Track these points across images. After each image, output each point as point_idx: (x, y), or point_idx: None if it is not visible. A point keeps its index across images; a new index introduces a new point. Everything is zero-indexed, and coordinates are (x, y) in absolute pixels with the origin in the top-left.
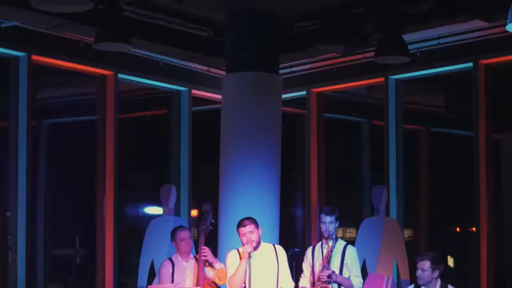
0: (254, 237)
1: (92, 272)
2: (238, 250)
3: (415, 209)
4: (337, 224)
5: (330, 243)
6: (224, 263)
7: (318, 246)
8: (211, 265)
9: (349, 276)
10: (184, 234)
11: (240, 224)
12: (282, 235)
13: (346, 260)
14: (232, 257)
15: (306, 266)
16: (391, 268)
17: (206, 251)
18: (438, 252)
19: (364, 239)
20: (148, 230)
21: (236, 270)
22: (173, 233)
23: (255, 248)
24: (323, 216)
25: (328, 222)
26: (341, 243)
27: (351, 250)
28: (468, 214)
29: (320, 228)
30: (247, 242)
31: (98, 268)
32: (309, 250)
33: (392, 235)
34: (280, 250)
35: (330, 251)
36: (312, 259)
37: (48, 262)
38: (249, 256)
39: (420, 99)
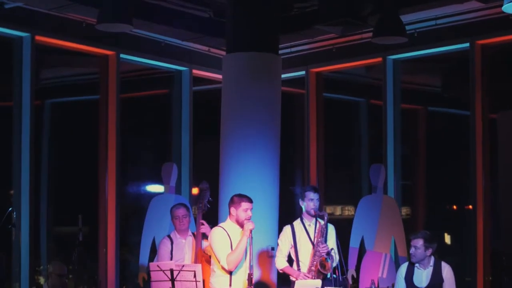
0: (251, 214)
1: (95, 249)
2: (222, 227)
3: (412, 187)
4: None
5: (321, 222)
6: (212, 241)
7: (297, 223)
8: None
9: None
10: (178, 213)
11: (247, 199)
12: (281, 213)
13: (328, 236)
14: (219, 234)
15: (284, 244)
16: (389, 245)
17: (204, 225)
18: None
19: (362, 217)
20: (150, 208)
21: (237, 247)
22: (170, 211)
23: None
24: (310, 193)
25: (316, 199)
26: (320, 221)
27: (331, 228)
28: (465, 192)
29: (306, 206)
30: (246, 218)
31: (101, 245)
32: (288, 228)
33: (389, 213)
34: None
35: (322, 227)
36: (294, 237)
37: (51, 239)
38: (251, 234)
39: (417, 78)
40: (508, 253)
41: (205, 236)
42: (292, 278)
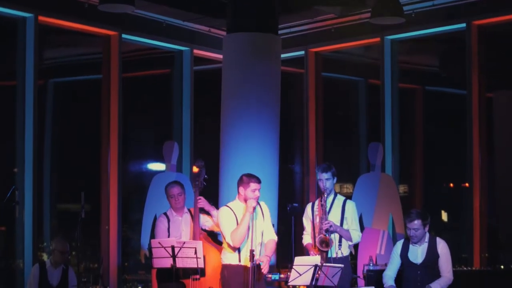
0: (259, 194)
1: (97, 226)
2: (229, 207)
3: (410, 165)
4: (335, 180)
5: (330, 198)
6: (218, 220)
7: (317, 201)
8: (207, 213)
9: (348, 230)
10: (173, 191)
11: (256, 179)
12: (281, 191)
13: (346, 214)
14: (226, 213)
15: (306, 222)
16: (387, 222)
17: (201, 200)
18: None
19: (360, 194)
20: (151, 186)
21: (240, 223)
22: (165, 189)
23: None
24: (319, 173)
25: (325, 179)
26: (340, 198)
27: (350, 205)
28: (461, 170)
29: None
30: (252, 197)
31: (103, 222)
32: (309, 206)
33: (387, 190)
34: (265, 206)
35: (324, 202)
36: (312, 214)
37: (54, 217)
38: (254, 211)
39: (415, 58)
40: (504, 230)
41: (203, 211)
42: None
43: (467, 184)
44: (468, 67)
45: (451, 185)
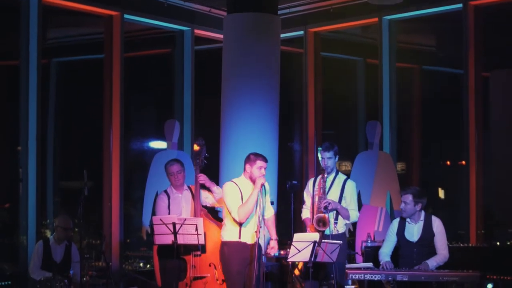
0: (264, 173)
1: (100, 204)
2: (234, 182)
3: (407, 143)
4: (337, 158)
5: (331, 176)
6: (224, 195)
7: (319, 178)
8: (208, 190)
9: (346, 209)
10: (173, 169)
11: (263, 158)
12: (280, 168)
13: (345, 193)
14: (231, 188)
15: (307, 197)
16: (385, 199)
17: (202, 176)
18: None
19: (358, 172)
20: (153, 164)
21: (248, 199)
22: (165, 167)
23: None
24: (321, 152)
25: (327, 158)
26: (341, 177)
27: (350, 184)
28: (458, 148)
29: (321, 163)
30: (258, 175)
31: (105, 200)
32: (310, 181)
33: (385, 168)
34: (267, 184)
35: (324, 182)
36: (313, 190)
37: (57, 194)
38: (261, 187)
39: (412, 38)
40: (500, 207)
41: (204, 187)
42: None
43: (463, 162)
44: (465, 46)
45: (448, 163)
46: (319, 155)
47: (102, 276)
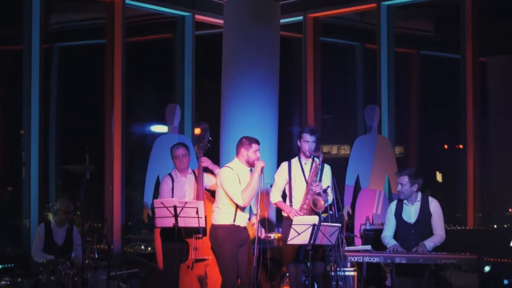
0: (260, 155)
1: (101, 187)
2: (230, 167)
3: (405, 127)
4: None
5: (309, 161)
6: (222, 181)
7: (295, 160)
8: (211, 172)
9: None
10: (178, 152)
11: (256, 141)
12: (280, 152)
13: (324, 176)
14: (229, 173)
15: (280, 179)
16: (383, 182)
17: (204, 159)
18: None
19: (357, 156)
20: (154, 147)
21: (250, 183)
22: (170, 151)
23: None
24: (307, 135)
25: (311, 141)
26: (317, 161)
27: (327, 168)
28: (456, 132)
29: (302, 147)
30: (255, 158)
31: (107, 183)
32: (285, 164)
33: (383, 152)
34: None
35: (317, 166)
36: (289, 173)
37: (59, 177)
38: (262, 171)
39: (410, 24)
40: (497, 190)
41: (207, 170)
42: (283, 213)
43: (461, 146)
44: (462, 32)
45: (446, 146)
46: (303, 138)
47: (104, 258)
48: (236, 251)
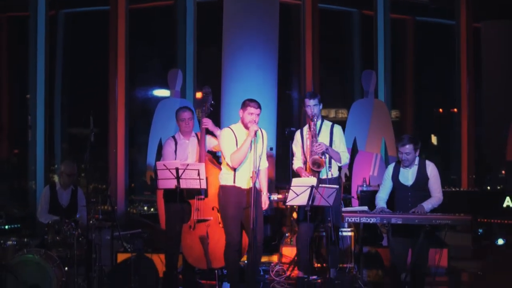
0: (257, 120)
1: (105, 149)
2: (230, 128)
3: (401, 91)
4: (321, 106)
5: (318, 123)
6: (220, 140)
7: (305, 128)
8: (212, 134)
9: (338, 152)
10: (184, 115)
11: (255, 103)
12: (279, 116)
13: (334, 137)
14: (227, 133)
15: (297, 148)
16: (379, 145)
17: (206, 120)
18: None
19: (354, 119)
20: (156, 111)
21: (241, 146)
22: (176, 113)
23: None
24: (307, 100)
25: (313, 105)
26: (327, 123)
27: (337, 128)
28: (450, 96)
29: (305, 112)
30: (250, 122)
31: (111, 146)
32: (298, 133)
33: (380, 116)
34: (265, 134)
35: (314, 127)
36: (302, 140)
37: (64, 140)
38: (255, 135)
39: None
40: (490, 152)
41: (208, 132)
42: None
43: (455, 110)
44: None
45: (441, 110)
46: (305, 104)
47: (108, 219)
48: (239, 213)
